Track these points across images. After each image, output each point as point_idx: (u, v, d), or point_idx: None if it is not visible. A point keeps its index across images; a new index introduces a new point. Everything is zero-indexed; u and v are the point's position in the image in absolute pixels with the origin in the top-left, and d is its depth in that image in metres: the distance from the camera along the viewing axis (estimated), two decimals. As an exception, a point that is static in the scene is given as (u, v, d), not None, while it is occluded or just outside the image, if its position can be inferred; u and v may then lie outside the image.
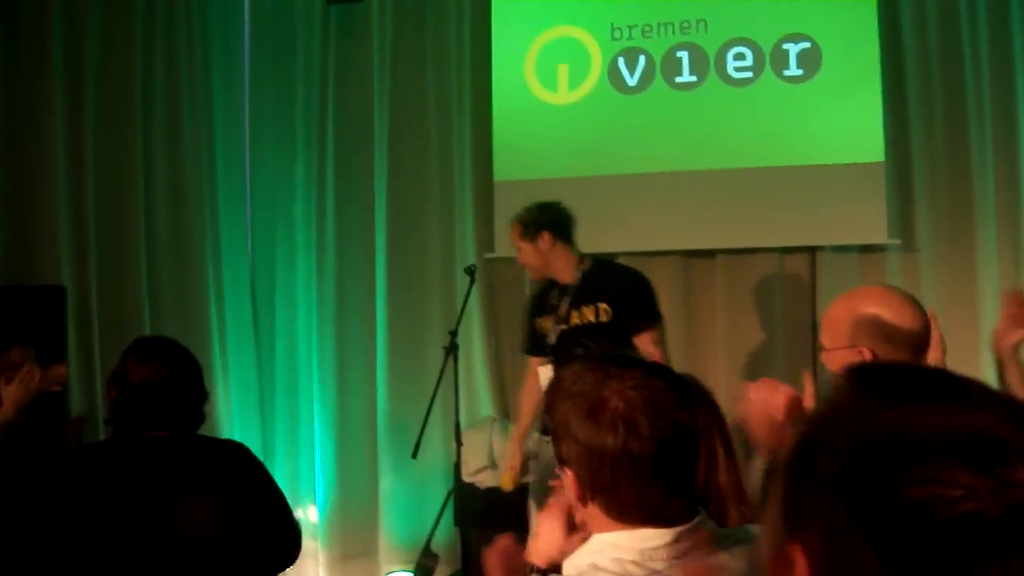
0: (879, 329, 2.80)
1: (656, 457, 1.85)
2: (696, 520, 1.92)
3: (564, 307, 5.36)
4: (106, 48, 7.05)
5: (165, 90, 7.18)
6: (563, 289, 5.42)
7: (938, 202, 6.38)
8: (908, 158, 6.42)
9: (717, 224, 6.60)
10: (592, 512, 1.94)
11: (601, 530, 1.94)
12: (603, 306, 5.28)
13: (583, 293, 5.36)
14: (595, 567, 1.90)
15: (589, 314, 5.30)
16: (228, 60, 7.46)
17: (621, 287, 5.38)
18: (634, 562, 1.87)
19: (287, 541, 3.62)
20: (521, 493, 6.08)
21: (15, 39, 6.98)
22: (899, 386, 1.01)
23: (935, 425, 0.95)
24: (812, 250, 6.57)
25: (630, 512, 1.89)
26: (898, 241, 6.37)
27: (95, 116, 6.98)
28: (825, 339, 2.93)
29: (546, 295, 5.53)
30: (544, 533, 2.20)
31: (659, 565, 1.87)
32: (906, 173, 6.43)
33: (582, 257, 5.49)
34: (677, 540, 1.88)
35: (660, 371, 1.95)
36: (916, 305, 2.88)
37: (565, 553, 2.05)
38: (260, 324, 7.52)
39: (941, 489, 0.91)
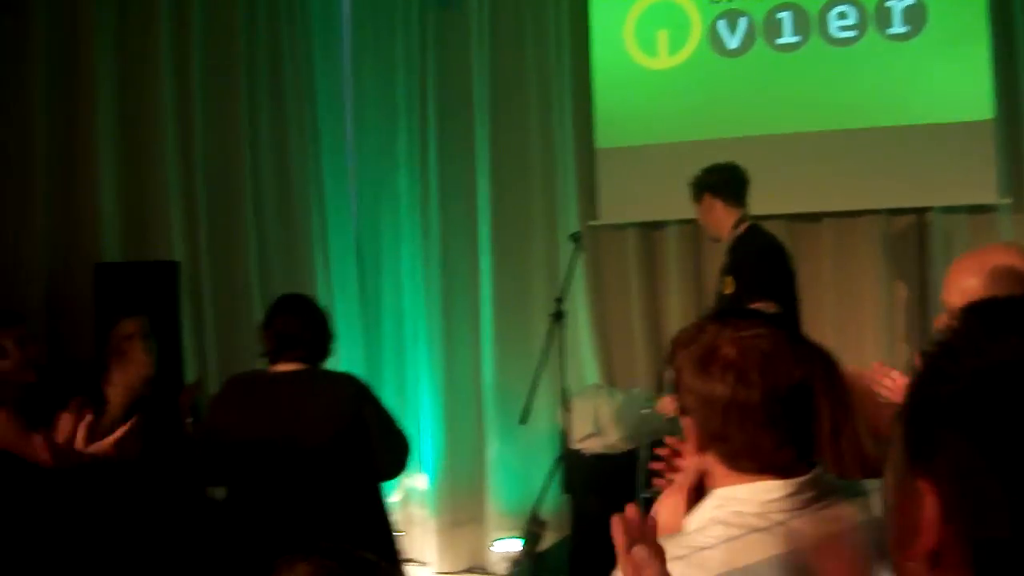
0: (1015, 278, 2.71)
1: (765, 406, 1.86)
2: (815, 472, 1.91)
3: (719, 274, 5.51)
4: (210, 28, 7.21)
5: (269, 68, 7.33)
6: (727, 255, 5.50)
7: (1050, 160, 6.29)
8: (1018, 115, 6.33)
9: (822, 187, 6.58)
10: (710, 460, 1.97)
11: (720, 483, 1.96)
12: (728, 279, 5.36)
13: (727, 262, 5.47)
14: (716, 521, 1.91)
15: (724, 286, 5.40)
16: (329, 37, 7.60)
17: (740, 260, 5.41)
18: (756, 514, 1.88)
19: (397, 451, 4.45)
20: (630, 459, 6.17)
21: (125, 27, 7.18)
22: (1019, 315, 0.99)
23: None
24: (920, 211, 6.51)
25: (743, 461, 1.91)
26: (1009, 200, 6.28)
27: (201, 96, 7.15)
28: (954, 296, 2.80)
29: None
30: (666, 509, 2.17)
31: (780, 517, 1.87)
32: (1016, 130, 6.33)
33: (739, 221, 5.52)
34: (798, 491, 1.88)
35: (782, 324, 1.97)
36: None
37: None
38: (366, 295, 7.67)
39: None
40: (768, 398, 1.86)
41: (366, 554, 1.72)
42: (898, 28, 6.42)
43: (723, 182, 5.53)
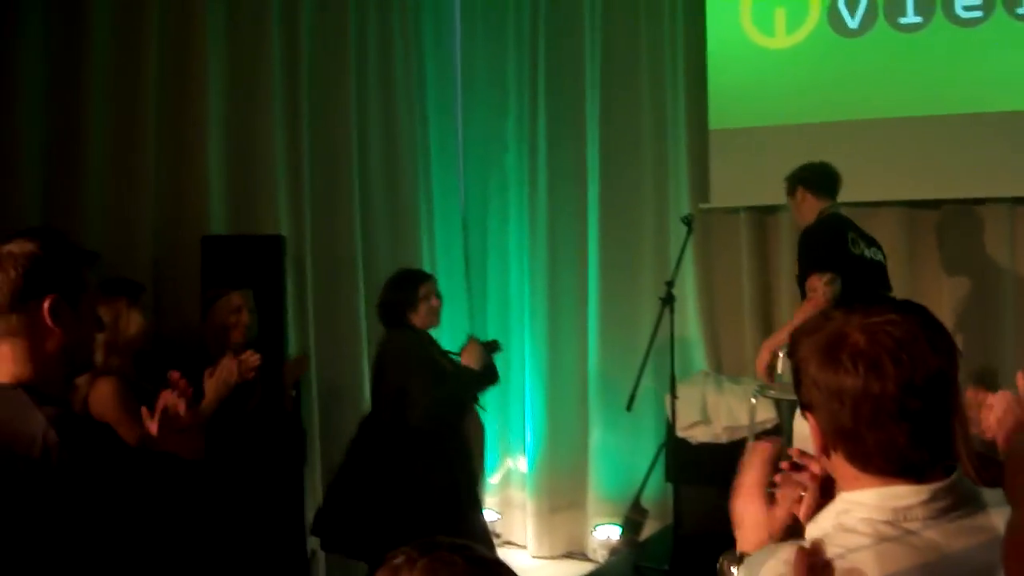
0: None
1: (901, 400, 1.71)
2: (954, 477, 1.76)
3: None
4: (321, 4, 7.27)
5: (378, 45, 7.35)
6: None
7: None
8: None
9: (943, 173, 6.43)
10: (836, 463, 1.82)
11: (848, 485, 1.81)
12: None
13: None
14: (842, 528, 1.76)
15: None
16: (439, 16, 7.63)
17: (799, 244, 5.67)
18: (887, 522, 1.74)
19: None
20: (736, 448, 6.11)
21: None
22: None
23: None
24: (1047, 200, 6.34)
25: (874, 461, 1.76)
26: None
27: (310, 71, 7.19)
28: None
29: None
30: (746, 521, 2.02)
31: (914, 525, 1.73)
32: None
33: (822, 212, 5.74)
34: (933, 499, 1.74)
35: (912, 308, 1.80)
36: None
37: (773, 527, 1.95)
38: (472, 275, 7.69)
39: None
40: (904, 390, 1.70)
41: (486, 552, 1.70)
42: (1027, 8, 6.25)
43: (814, 176, 5.79)
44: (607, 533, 6.97)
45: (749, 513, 2.02)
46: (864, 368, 1.71)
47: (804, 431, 4.95)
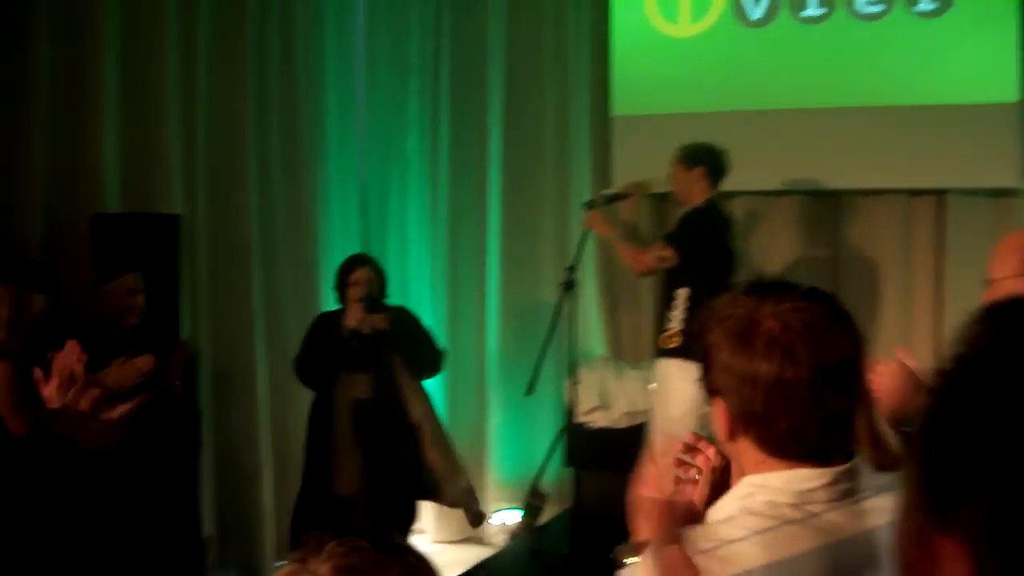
0: None
1: (814, 386, 1.72)
2: (854, 460, 1.81)
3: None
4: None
5: (279, 24, 7.27)
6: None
7: (1075, 144, 6.31)
8: (1045, 98, 6.36)
9: (841, 164, 6.59)
10: (743, 447, 1.83)
11: (752, 469, 1.82)
12: (657, 243, 5.92)
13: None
14: (747, 511, 1.78)
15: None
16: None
17: (687, 223, 5.92)
18: (790, 504, 1.76)
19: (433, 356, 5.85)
20: (635, 433, 6.22)
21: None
22: None
23: None
24: (941, 193, 6.54)
25: (785, 447, 1.78)
26: (1032, 185, 6.30)
27: (208, 50, 7.10)
28: (995, 269, 2.83)
29: None
30: (643, 510, 2.03)
31: (817, 508, 1.77)
32: (1042, 114, 6.36)
33: (707, 200, 5.89)
34: (836, 481, 1.78)
35: (821, 296, 1.82)
36: None
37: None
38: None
39: None
40: (816, 376, 1.72)
41: (397, 536, 1.71)
42: (926, 5, 6.44)
43: (717, 163, 5.90)
44: (506, 518, 7.02)
45: (646, 502, 2.03)
46: (779, 354, 1.73)
47: (668, 414, 5.08)
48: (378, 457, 5.64)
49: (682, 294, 5.69)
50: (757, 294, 1.80)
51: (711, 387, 1.86)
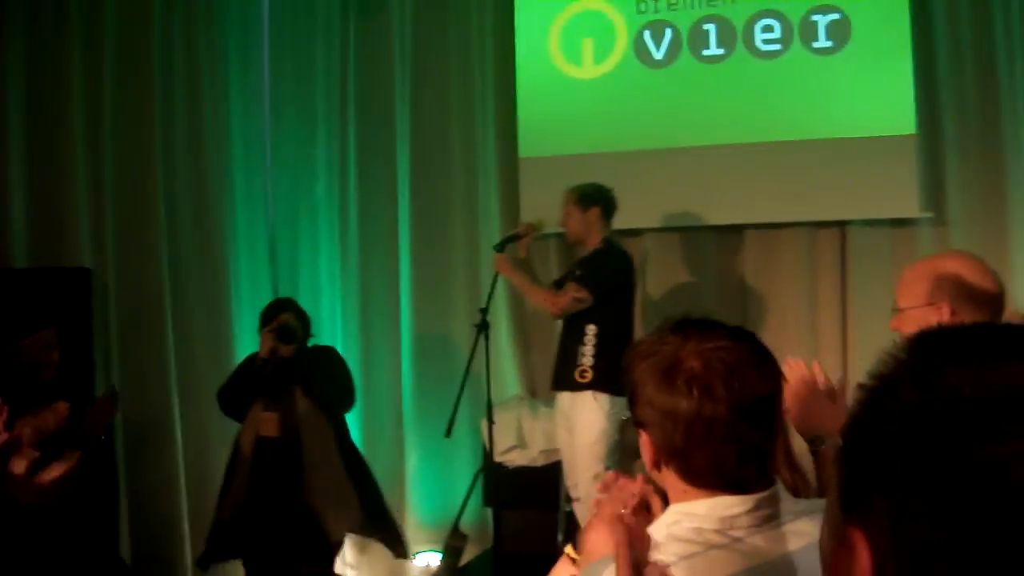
0: (961, 287, 2.85)
1: (731, 422, 1.82)
2: (774, 488, 1.91)
3: (568, 277, 6.15)
4: (124, 33, 7.17)
5: (185, 74, 7.31)
6: (579, 260, 6.18)
7: (969, 175, 6.51)
8: (939, 131, 6.56)
9: (746, 199, 6.74)
10: (667, 477, 1.94)
11: (677, 498, 1.93)
12: (571, 284, 5.98)
13: (577, 267, 6.11)
14: (674, 537, 1.87)
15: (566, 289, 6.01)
16: (247, 43, 7.60)
17: (596, 263, 6.04)
18: (715, 530, 1.86)
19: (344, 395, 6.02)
20: (552, 470, 6.31)
21: (35, 26, 7.14)
22: (966, 344, 0.90)
23: (1011, 381, 0.83)
24: (843, 224, 6.71)
25: (704, 477, 1.88)
26: (930, 215, 6.50)
27: (114, 101, 7.11)
28: (901, 300, 2.95)
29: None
30: (592, 549, 2.10)
31: (740, 533, 1.86)
32: (937, 146, 6.56)
33: (607, 237, 6.09)
34: (757, 507, 1.87)
35: (744, 336, 1.92)
36: (993, 272, 2.93)
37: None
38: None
39: (1020, 443, 0.80)
40: (734, 412, 1.83)
41: None
42: (823, 43, 6.61)
43: (610, 203, 6.11)
44: (427, 560, 7.04)
45: (598, 544, 2.09)
46: (698, 392, 1.82)
47: (580, 443, 5.24)
48: (260, 493, 5.79)
49: (591, 330, 5.88)
50: (683, 332, 1.90)
51: (637, 420, 1.96)
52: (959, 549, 0.81)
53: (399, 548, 6.17)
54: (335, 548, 5.92)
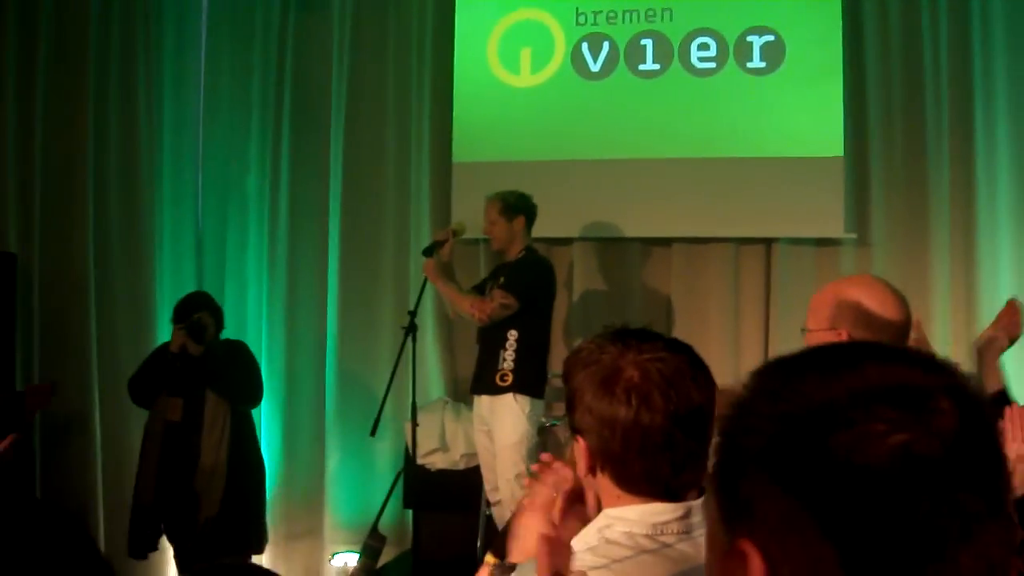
0: (859, 314, 2.96)
1: (667, 431, 1.90)
2: (704, 497, 1.93)
3: (490, 283, 6.31)
4: (60, 20, 7.17)
5: (119, 62, 7.30)
6: (502, 268, 6.28)
7: (894, 198, 6.73)
8: (866, 154, 6.77)
9: (675, 213, 6.89)
10: (602, 483, 2.00)
11: (611, 503, 1.99)
12: (497, 291, 6.10)
13: (500, 274, 6.23)
14: (607, 540, 1.94)
15: (492, 295, 6.15)
16: (184, 34, 7.61)
17: (521, 270, 6.19)
18: (646, 535, 1.93)
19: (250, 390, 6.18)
20: (474, 474, 6.38)
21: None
22: (805, 363, 0.99)
23: (857, 382, 0.93)
24: (768, 242, 6.88)
25: (639, 484, 1.95)
26: (853, 235, 6.70)
27: (46, 87, 7.10)
28: (809, 321, 3.08)
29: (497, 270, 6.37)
30: (525, 533, 2.16)
31: (670, 539, 1.93)
32: (863, 168, 6.77)
33: (529, 245, 6.26)
34: (687, 515, 1.94)
35: (681, 348, 2.00)
36: (901, 298, 3.03)
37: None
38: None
39: (865, 426, 0.90)
40: (670, 421, 1.90)
41: (270, 574, 1.77)
42: (757, 63, 6.78)
43: (533, 212, 6.26)
44: (344, 560, 7.08)
45: (531, 528, 2.14)
46: (637, 401, 1.91)
47: (502, 443, 5.35)
48: (173, 475, 5.93)
49: (512, 335, 6.04)
50: (622, 342, 1.97)
51: (574, 427, 2.02)
52: (832, 529, 0.89)
53: (248, 546, 6.21)
54: (201, 536, 5.95)
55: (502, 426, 5.99)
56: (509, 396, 5.98)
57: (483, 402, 6.15)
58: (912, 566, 0.89)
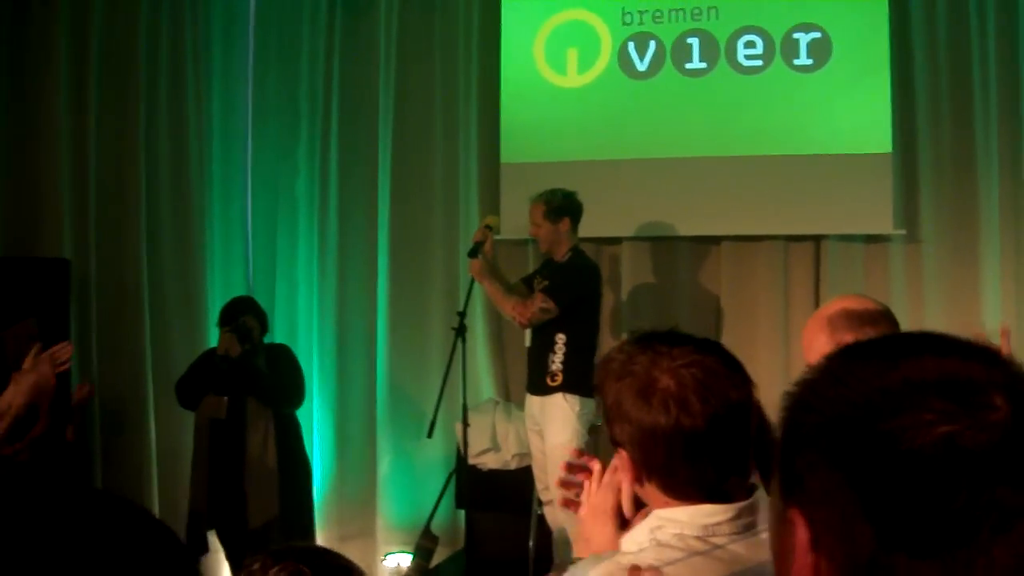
0: (851, 316, 3.01)
1: (708, 434, 1.92)
2: (755, 496, 2.00)
3: (537, 279, 6.42)
4: (110, 27, 7.32)
5: (169, 67, 7.48)
6: (549, 266, 6.40)
7: (943, 194, 6.78)
8: (914, 150, 6.83)
9: (723, 211, 6.97)
10: (650, 491, 2.03)
11: (660, 507, 2.02)
12: (539, 295, 6.20)
13: (547, 274, 6.33)
14: (657, 543, 1.96)
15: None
16: (232, 38, 7.78)
17: (554, 276, 6.28)
18: (697, 537, 1.95)
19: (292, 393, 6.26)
20: (525, 474, 6.49)
21: (22, 18, 7.28)
22: (870, 351, 1.07)
23: (914, 372, 1.00)
24: (817, 239, 6.95)
25: (687, 491, 1.98)
26: (903, 232, 6.76)
27: (99, 95, 7.25)
28: (809, 356, 3.04)
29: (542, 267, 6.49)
30: (597, 536, 2.19)
31: (721, 540, 1.95)
32: (912, 164, 6.83)
33: (575, 246, 6.31)
34: (738, 516, 1.96)
35: (711, 347, 2.02)
36: (871, 299, 3.16)
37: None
38: (259, 302, 7.85)
39: (913, 416, 0.96)
40: (710, 425, 1.92)
41: (341, 558, 1.86)
42: (804, 60, 6.85)
43: (578, 212, 6.33)
44: (397, 561, 7.19)
45: (601, 534, 2.19)
46: (675, 408, 1.93)
47: (555, 442, 5.46)
48: (221, 475, 6.09)
49: (560, 339, 6.15)
50: (652, 350, 2.00)
51: (614, 439, 2.05)
52: (872, 507, 0.97)
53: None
54: (252, 536, 6.07)
55: (552, 426, 6.09)
56: (559, 396, 6.09)
57: (534, 402, 6.26)
58: (942, 550, 0.95)
